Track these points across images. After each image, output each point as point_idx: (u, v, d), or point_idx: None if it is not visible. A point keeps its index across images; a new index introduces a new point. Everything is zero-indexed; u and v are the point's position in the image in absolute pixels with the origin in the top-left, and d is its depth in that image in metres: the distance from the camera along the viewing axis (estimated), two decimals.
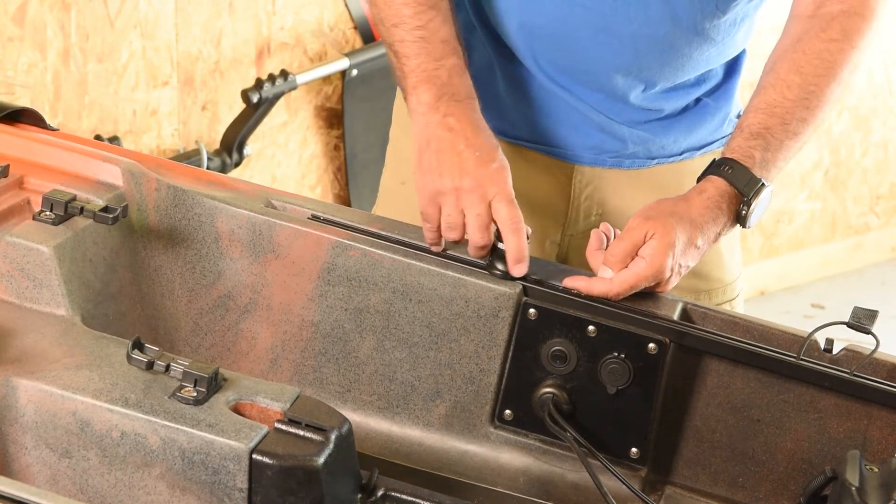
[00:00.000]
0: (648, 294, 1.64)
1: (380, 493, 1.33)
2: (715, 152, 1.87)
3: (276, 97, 3.17)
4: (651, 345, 1.57)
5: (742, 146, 1.70)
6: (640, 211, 1.66)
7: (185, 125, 3.15)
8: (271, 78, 3.14)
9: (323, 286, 1.64)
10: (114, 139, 2.98)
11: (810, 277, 4.44)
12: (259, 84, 3.12)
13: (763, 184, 1.68)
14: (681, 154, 1.91)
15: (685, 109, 1.89)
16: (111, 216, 1.51)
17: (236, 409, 1.29)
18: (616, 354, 1.58)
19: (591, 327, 1.58)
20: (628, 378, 1.58)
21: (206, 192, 1.64)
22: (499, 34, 1.83)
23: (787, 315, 4.11)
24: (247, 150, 3.19)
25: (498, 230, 1.62)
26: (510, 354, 1.62)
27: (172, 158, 3.01)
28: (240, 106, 3.16)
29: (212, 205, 1.63)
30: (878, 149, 4.47)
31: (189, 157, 3.10)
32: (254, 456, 1.24)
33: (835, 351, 1.58)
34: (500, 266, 1.61)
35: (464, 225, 1.63)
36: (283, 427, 1.27)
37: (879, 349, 1.56)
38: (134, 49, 3.01)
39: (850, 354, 1.57)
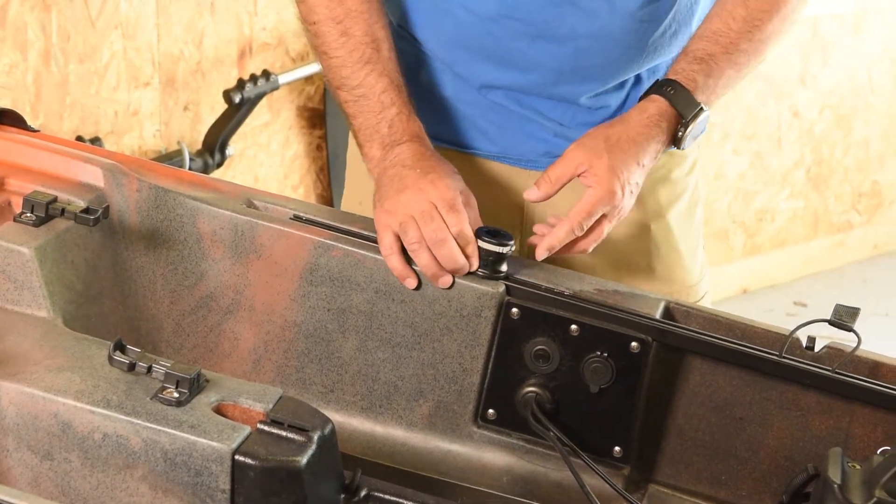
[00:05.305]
0: (630, 293, 1.64)
1: (363, 493, 1.33)
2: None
3: (259, 97, 3.16)
4: (634, 343, 1.57)
5: (686, 69, 1.74)
6: (577, 140, 1.69)
7: (166, 126, 3.15)
8: (253, 78, 3.13)
9: (305, 286, 1.63)
10: (95, 140, 2.97)
11: (792, 275, 4.45)
12: (241, 84, 3.11)
13: (702, 108, 1.72)
14: None
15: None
16: (92, 217, 1.50)
17: (219, 411, 1.29)
18: (599, 353, 1.58)
19: (573, 326, 1.58)
20: (611, 377, 1.58)
21: (187, 192, 1.63)
22: (441, 56, 1.83)
23: (769, 313, 4.12)
24: (229, 151, 3.18)
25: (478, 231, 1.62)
26: (493, 354, 1.62)
27: (154, 159, 3.01)
28: (222, 106, 3.15)
29: (194, 205, 1.63)
30: (860, 147, 4.48)
31: (171, 158, 3.09)
32: (236, 457, 1.24)
33: (817, 349, 1.58)
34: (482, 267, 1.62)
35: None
36: (266, 428, 1.26)
37: (861, 347, 1.56)
38: (115, 49, 3.01)
39: (833, 352, 1.58)
